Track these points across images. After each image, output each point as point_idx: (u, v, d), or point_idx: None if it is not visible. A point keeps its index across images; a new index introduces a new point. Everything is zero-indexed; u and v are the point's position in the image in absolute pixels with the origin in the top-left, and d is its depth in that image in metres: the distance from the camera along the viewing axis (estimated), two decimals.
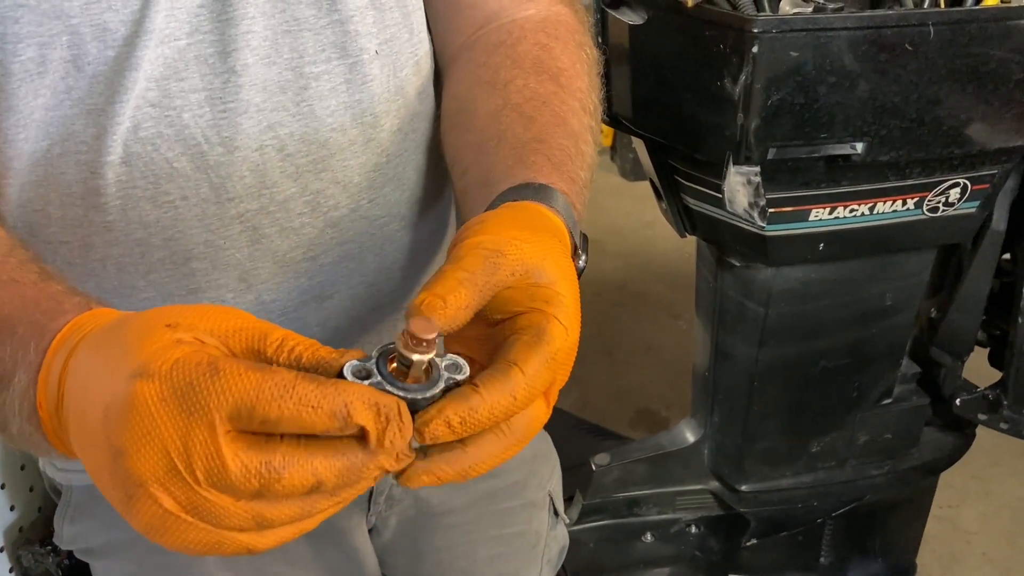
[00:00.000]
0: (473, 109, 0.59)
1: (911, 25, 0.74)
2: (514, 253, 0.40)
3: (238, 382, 0.33)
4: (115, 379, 0.34)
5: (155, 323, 0.35)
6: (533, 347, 0.37)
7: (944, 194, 0.89)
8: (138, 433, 0.32)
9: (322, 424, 0.33)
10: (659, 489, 1.17)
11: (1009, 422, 1.08)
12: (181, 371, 0.33)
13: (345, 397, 0.33)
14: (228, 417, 0.32)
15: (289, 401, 0.32)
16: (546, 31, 0.62)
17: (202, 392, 0.32)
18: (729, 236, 0.95)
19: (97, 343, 0.37)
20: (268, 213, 0.57)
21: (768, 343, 1.02)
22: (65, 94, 0.51)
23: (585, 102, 0.59)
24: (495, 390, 0.36)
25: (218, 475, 0.32)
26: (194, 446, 0.32)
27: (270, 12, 0.53)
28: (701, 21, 0.77)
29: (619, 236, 2.42)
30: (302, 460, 0.33)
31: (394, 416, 0.34)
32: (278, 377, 0.33)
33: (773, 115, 0.78)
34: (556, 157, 0.52)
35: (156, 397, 0.32)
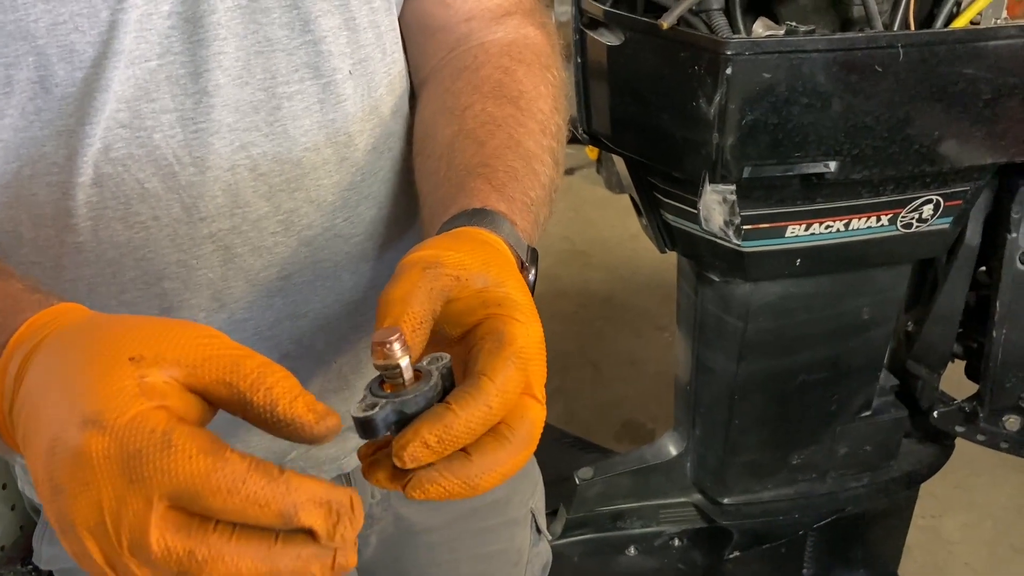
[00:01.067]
0: (434, 135, 0.60)
1: (880, 47, 0.75)
2: (453, 258, 0.42)
3: (187, 465, 0.32)
4: (67, 417, 0.33)
5: (119, 354, 0.34)
6: (496, 353, 0.38)
7: (917, 210, 0.91)
8: (78, 481, 0.32)
9: (267, 521, 0.33)
10: (642, 502, 1.18)
11: (986, 434, 1.09)
12: (133, 434, 0.32)
13: (295, 497, 0.33)
14: (167, 496, 0.32)
15: (236, 497, 0.32)
16: (510, 54, 0.63)
17: (148, 465, 0.32)
18: (708, 252, 0.96)
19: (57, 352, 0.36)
20: (241, 232, 0.57)
21: (748, 357, 1.04)
22: (34, 115, 0.51)
23: (546, 124, 0.60)
24: (467, 404, 0.36)
25: (140, 549, 0.32)
26: (125, 513, 0.32)
27: (242, 33, 0.53)
28: (676, 43, 0.79)
29: (604, 248, 2.43)
30: (229, 557, 0.32)
31: (345, 511, 0.33)
32: (229, 468, 0.32)
33: (747, 135, 0.79)
34: (499, 179, 0.53)
35: (103, 454, 0.32)
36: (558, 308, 2.18)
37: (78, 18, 0.49)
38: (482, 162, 0.55)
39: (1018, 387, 1.05)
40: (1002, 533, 1.59)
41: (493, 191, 0.52)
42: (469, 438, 0.37)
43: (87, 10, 0.49)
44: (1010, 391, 1.05)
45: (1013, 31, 0.79)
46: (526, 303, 0.42)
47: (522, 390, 0.39)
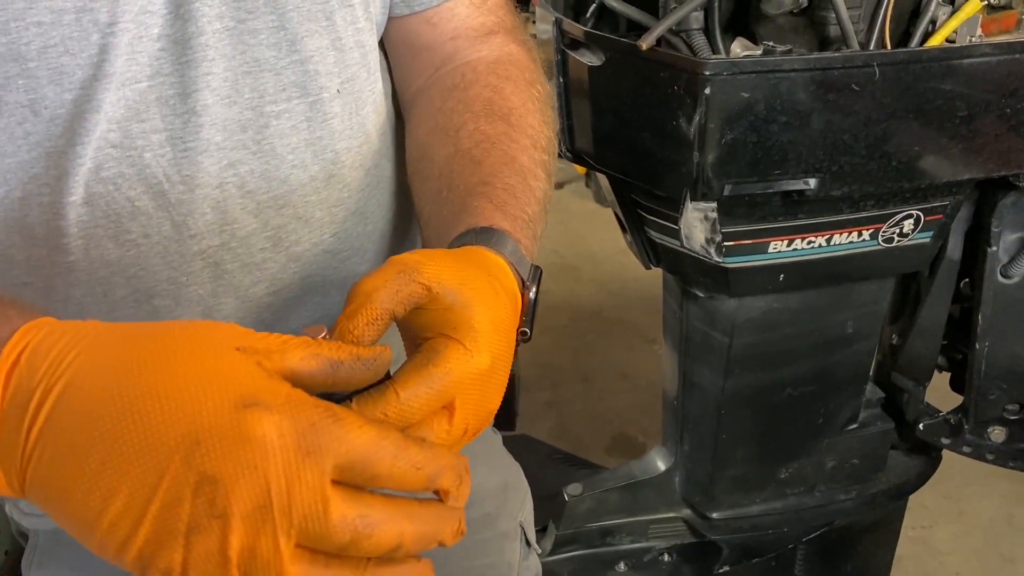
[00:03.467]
0: (431, 156, 0.61)
1: (856, 66, 0.76)
2: (431, 269, 0.42)
3: (360, 434, 0.33)
4: (212, 408, 0.33)
5: (222, 345, 0.35)
6: (416, 369, 0.40)
7: (898, 225, 0.92)
8: (242, 464, 0.32)
9: (418, 485, 0.35)
10: (632, 518, 1.18)
11: (971, 445, 1.10)
12: (301, 408, 0.33)
13: (440, 462, 0.36)
14: (340, 466, 0.33)
15: (401, 461, 0.34)
16: (497, 72, 0.64)
17: (324, 435, 0.33)
18: (692, 268, 0.97)
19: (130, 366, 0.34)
20: (230, 249, 0.57)
21: (734, 372, 1.04)
22: (23, 139, 0.51)
23: (536, 138, 0.62)
24: (366, 406, 0.38)
25: (316, 521, 0.32)
26: (299, 487, 0.32)
27: (230, 54, 0.54)
28: (656, 63, 0.80)
29: (594, 262, 2.44)
30: (395, 519, 0.34)
31: (465, 475, 0.37)
32: (393, 435, 0.34)
33: (727, 153, 0.80)
34: (499, 198, 0.55)
35: (276, 431, 0.32)
36: (548, 322, 2.18)
37: (69, 41, 0.49)
38: (481, 181, 0.56)
39: (1002, 399, 1.06)
40: (992, 543, 1.59)
41: (496, 210, 0.53)
42: None
43: (78, 33, 0.49)
44: (994, 403, 1.05)
45: (987, 49, 0.80)
46: (484, 331, 0.42)
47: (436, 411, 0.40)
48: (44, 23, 0.49)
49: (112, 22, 0.50)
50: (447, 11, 0.65)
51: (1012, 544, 1.58)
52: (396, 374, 0.40)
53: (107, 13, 0.50)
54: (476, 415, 0.42)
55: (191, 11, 0.52)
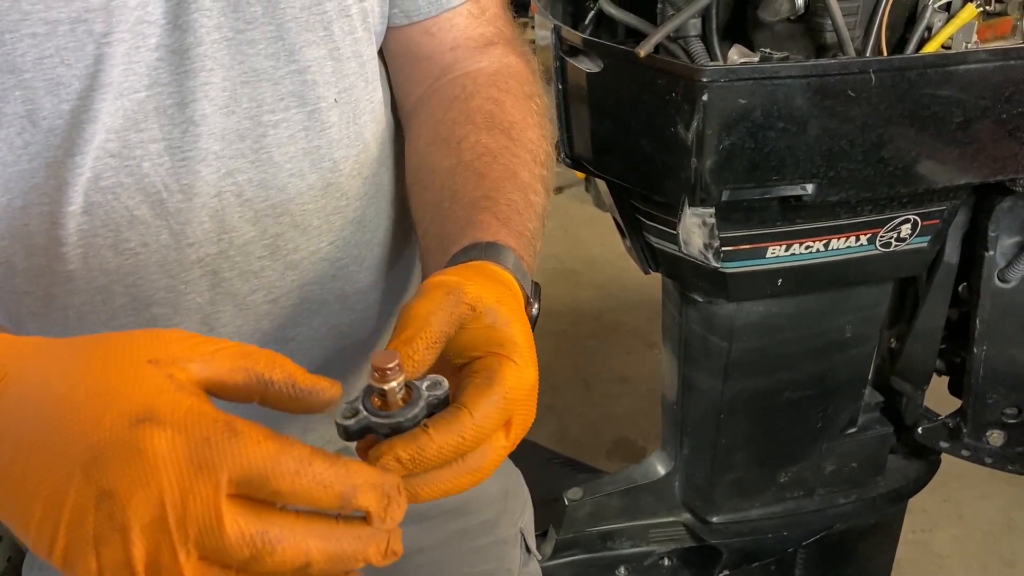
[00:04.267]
0: (431, 167, 0.62)
1: (852, 73, 0.77)
2: (473, 290, 0.43)
3: (257, 448, 0.33)
4: (110, 421, 0.33)
5: (135, 357, 0.35)
6: (483, 389, 0.40)
7: (895, 230, 0.92)
8: (137, 478, 0.32)
9: (328, 503, 0.34)
10: (632, 522, 1.18)
11: (970, 449, 1.10)
12: (196, 423, 0.33)
13: (355, 479, 0.34)
14: (237, 481, 0.33)
15: (304, 477, 0.33)
16: (497, 85, 0.64)
17: (217, 450, 0.32)
18: (691, 273, 0.97)
19: (50, 378, 0.35)
20: (228, 257, 0.58)
21: (733, 376, 1.04)
22: (22, 149, 0.52)
23: (536, 152, 0.62)
24: (443, 431, 0.38)
25: (212, 535, 0.32)
26: (193, 502, 0.32)
27: (228, 64, 0.54)
28: (653, 70, 0.80)
29: (594, 267, 2.45)
30: (299, 536, 0.33)
31: (395, 495, 0.36)
32: (295, 451, 0.33)
33: (725, 159, 0.80)
34: (503, 213, 0.55)
35: (167, 445, 0.32)
36: (549, 327, 2.19)
37: (64, 52, 0.50)
38: (485, 195, 0.57)
39: (1000, 402, 1.06)
40: (992, 546, 1.59)
41: (501, 225, 0.54)
42: (439, 463, 0.39)
43: (73, 44, 0.50)
44: (992, 406, 1.06)
45: (983, 55, 0.81)
46: (526, 346, 0.44)
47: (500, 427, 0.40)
48: (39, 34, 0.49)
49: (107, 32, 0.50)
50: (446, 22, 0.65)
51: (1012, 547, 1.59)
52: (463, 395, 0.40)
53: (102, 24, 0.50)
54: (524, 427, 0.42)
55: (189, 21, 0.52)
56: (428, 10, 0.64)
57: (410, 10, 0.64)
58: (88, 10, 0.49)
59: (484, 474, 0.40)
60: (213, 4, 0.53)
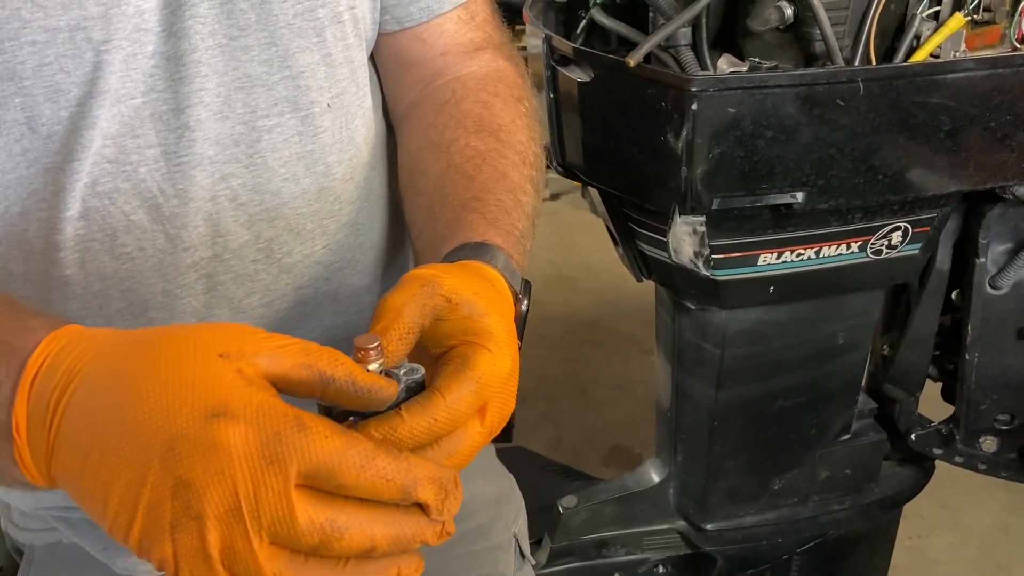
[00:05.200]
0: (423, 170, 0.63)
1: (841, 82, 0.77)
2: (449, 282, 0.45)
3: (324, 444, 0.35)
4: (186, 415, 0.35)
5: (206, 351, 0.36)
6: (456, 374, 0.42)
7: (886, 237, 0.93)
8: (212, 470, 0.34)
9: (390, 496, 0.36)
10: (626, 530, 1.18)
11: (963, 455, 1.10)
12: (268, 418, 0.35)
13: (416, 474, 0.36)
14: (305, 473, 0.34)
15: (369, 472, 0.35)
16: (487, 89, 0.66)
17: (288, 444, 0.34)
18: (683, 281, 0.97)
19: (128, 369, 0.37)
20: (222, 261, 0.58)
21: (726, 383, 1.05)
22: (21, 155, 0.52)
23: (525, 154, 0.63)
24: (415, 412, 0.40)
25: (284, 523, 0.34)
26: (265, 493, 0.34)
27: (223, 70, 0.55)
28: (643, 80, 0.81)
29: (590, 273, 2.45)
30: (364, 523, 0.36)
31: (452, 488, 0.38)
32: (361, 446, 0.35)
33: (715, 168, 0.81)
34: (492, 214, 0.56)
35: (241, 439, 0.34)
36: (545, 333, 2.19)
37: (63, 59, 0.51)
38: (474, 196, 0.58)
39: (993, 409, 1.06)
40: (988, 552, 1.59)
41: (490, 226, 0.55)
42: (411, 444, 0.40)
43: (72, 51, 0.51)
44: (985, 413, 1.06)
45: (971, 64, 0.81)
46: (502, 336, 0.45)
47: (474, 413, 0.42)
48: (38, 42, 0.50)
49: (106, 40, 0.51)
50: (436, 27, 0.66)
51: (1008, 553, 1.58)
52: (437, 380, 0.41)
53: (101, 31, 0.51)
54: (500, 415, 0.44)
55: (184, 29, 0.53)
56: (419, 16, 0.65)
57: (401, 16, 0.65)
58: (86, 18, 0.50)
59: (460, 459, 0.41)
60: (208, 11, 0.54)
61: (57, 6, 0.49)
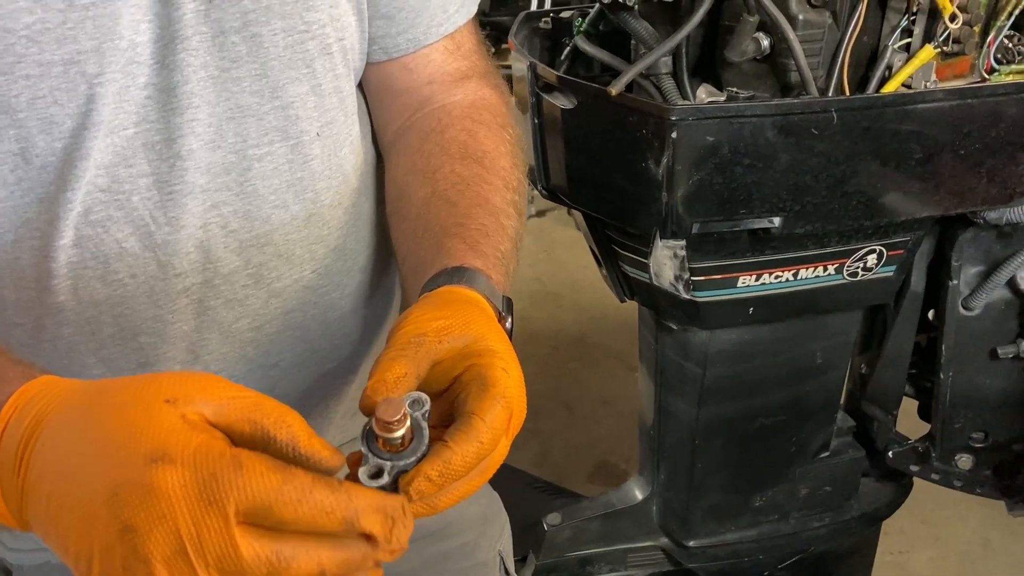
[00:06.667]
0: (408, 196, 0.64)
1: (815, 112, 0.80)
2: (433, 328, 0.46)
3: (260, 481, 0.35)
4: (126, 460, 0.35)
5: (152, 398, 0.37)
6: (483, 394, 0.43)
7: (862, 260, 0.95)
8: (154, 514, 0.35)
9: (332, 528, 0.36)
10: (611, 547, 1.19)
11: (939, 473, 1.12)
12: (204, 460, 0.35)
13: (356, 504, 0.37)
14: (244, 511, 0.35)
15: (306, 506, 0.36)
16: (472, 117, 0.67)
17: (224, 484, 0.35)
18: (665, 302, 0.99)
19: (80, 417, 0.38)
20: (213, 286, 0.59)
21: (707, 402, 1.06)
22: (15, 185, 0.53)
23: (508, 179, 0.65)
24: (462, 440, 0.41)
25: (230, 559, 0.35)
26: (207, 533, 0.35)
27: (214, 101, 0.56)
28: (625, 108, 0.83)
29: (576, 290, 2.47)
30: (310, 551, 0.36)
31: (399, 517, 0.38)
32: (297, 481, 0.36)
33: (695, 193, 0.83)
34: (472, 238, 0.58)
35: (177, 483, 0.35)
36: (531, 350, 2.20)
37: (57, 92, 0.52)
38: (456, 222, 0.59)
39: (967, 427, 1.08)
40: (967, 567, 1.61)
41: (469, 249, 0.57)
42: (465, 472, 0.41)
43: (65, 85, 0.52)
44: (960, 431, 1.08)
45: (941, 94, 0.84)
46: (506, 352, 0.46)
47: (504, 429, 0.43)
48: (32, 75, 0.51)
49: (99, 73, 0.52)
50: (423, 57, 0.68)
51: (987, 569, 1.61)
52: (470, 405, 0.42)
53: (94, 65, 0.52)
54: (519, 422, 0.45)
55: (177, 61, 0.54)
56: (406, 47, 0.67)
57: (389, 47, 0.67)
58: (80, 52, 0.51)
59: (492, 472, 0.43)
60: (200, 44, 0.55)
61: (51, 41, 0.50)
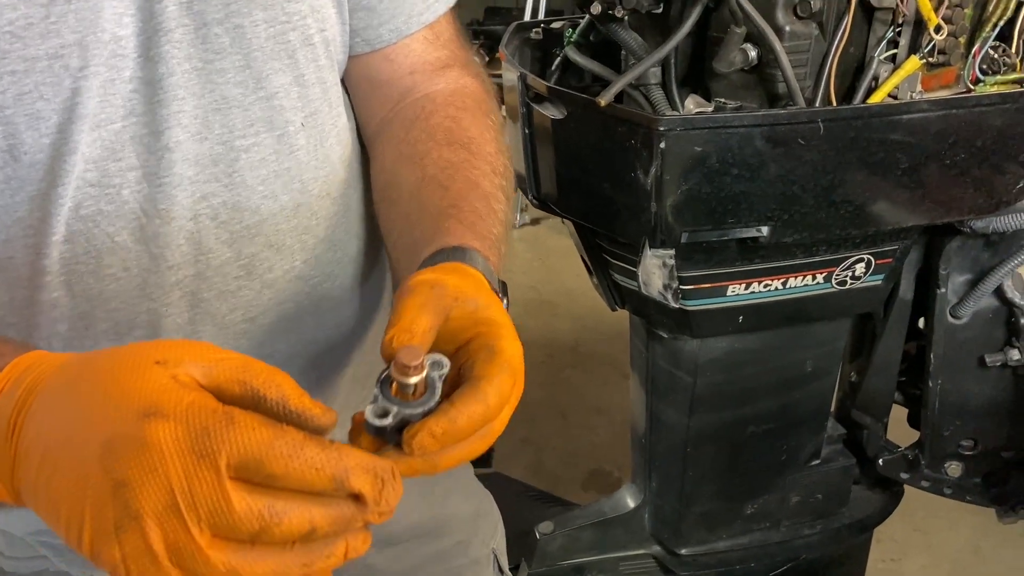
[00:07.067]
0: (398, 183, 0.65)
1: (801, 122, 0.81)
2: (451, 283, 0.48)
3: (251, 435, 0.36)
4: (118, 416, 0.36)
5: (143, 360, 0.38)
6: (491, 361, 0.44)
7: (850, 268, 0.96)
8: (146, 468, 0.35)
9: (321, 485, 0.36)
10: (603, 555, 1.20)
11: (929, 480, 1.13)
12: (196, 415, 0.36)
13: (346, 463, 0.37)
14: (235, 466, 0.35)
15: (296, 461, 0.36)
16: (455, 104, 0.68)
17: (216, 438, 0.35)
18: (655, 310, 1.00)
19: (73, 382, 0.39)
20: (205, 278, 0.60)
21: (698, 410, 1.07)
22: (4, 184, 0.53)
23: (495, 164, 0.66)
24: (470, 401, 0.42)
25: (221, 513, 0.35)
26: (199, 486, 0.35)
27: (200, 92, 0.57)
28: (614, 119, 0.83)
29: (570, 297, 2.47)
30: (302, 507, 0.36)
31: (389, 479, 0.38)
32: (288, 436, 0.36)
33: (683, 203, 0.83)
34: (468, 219, 0.59)
35: (170, 437, 0.35)
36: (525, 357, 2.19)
37: (42, 87, 0.52)
38: (450, 204, 0.60)
39: (956, 435, 1.09)
40: (960, 574, 1.62)
41: (467, 230, 0.58)
42: (469, 433, 0.42)
43: (50, 79, 0.52)
44: (949, 439, 1.09)
45: (926, 105, 0.85)
46: (508, 324, 0.48)
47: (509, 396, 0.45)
48: (18, 71, 0.51)
49: (83, 67, 0.52)
50: (404, 47, 0.69)
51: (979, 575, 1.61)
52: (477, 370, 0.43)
53: (78, 59, 0.52)
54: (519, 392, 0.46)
55: (160, 54, 0.55)
56: (389, 38, 0.68)
57: (372, 38, 0.68)
58: (64, 46, 0.51)
59: (494, 437, 0.44)
60: (183, 36, 0.55)
61: (35, 36, 0.50)
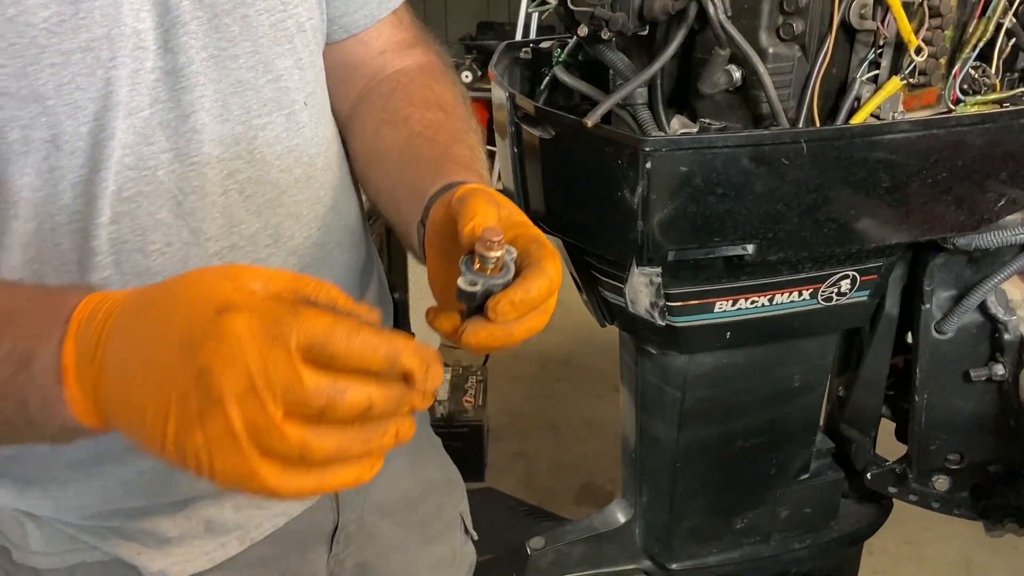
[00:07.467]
0: (385, 146, 0.71)
1: (785, 142, 0.82)
2: (495, 192, 0.55)
3: (316, 321, 0.40)
4: (198, 315, 0.40)
5: (211, 275, 0.43)
6: (543, 249, 0.51)
7: (836, 285, 0.97)
8: (226, 355, 0.39)
9: (377, 364, 0.41)
10: (594, 570, 1.20)
11: (917, 494, 1.13)
12: (267, 307, 0.40)
13: (398, 345, 0.41)
14: (304, 347, 0.39)
15: (355, 341, 0.40)
16: (426, 74, 0.77)
17: (286, 324, 0.39)
18: (644, 326, 1.01)
19: (147, 302, 0.44)
20: (239, 248, 0.66)
21: (687, 425, 1.08)
22: (48, 173, 0.57)
23: (469, 122, 0.74)
24: (539, 276, 0.49)
25: (294, 389, 0.39)
26: (274, 366, 0.39)
27: (216, 78, 0.62)
28: (601, 139, 0.85)
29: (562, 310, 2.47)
30: (361, 384, 0.41)
31: (433, 362, 0.42)
32: (347, 322, 0.41)
33: (670, 221, 0.84)
34: (463, 162, 0.65)
35: (245, 326, 0.39)
36: (517, 371, 2.21)
37: (79, 78, 0.56)
38: (442, 152, 0.67)
39: (943, 449, 1.10)
40: None
41: (466, 170, 0.64)
42: (540, 302, 0.49)
43: (85, 70, 0.56)
44: (936, 453, 1.10)
45: (908, 125, 0.86)
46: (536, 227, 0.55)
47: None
48: (56, 64, 0.55)
49: (112, 58, 0.57)
50: (375, 31, 0.77)
51: None
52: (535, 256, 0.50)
53: (107, 50, 0.56)
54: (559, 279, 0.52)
55: (179, 44, 0.60)
56: (364, 23, 0.75)
57: (349, 25, 0.75)
58: (93, 39, 0.56)
59: (549, 314, 0.51)
60: (198, 28, 0.60)
61: (68, 31, 0.55)
